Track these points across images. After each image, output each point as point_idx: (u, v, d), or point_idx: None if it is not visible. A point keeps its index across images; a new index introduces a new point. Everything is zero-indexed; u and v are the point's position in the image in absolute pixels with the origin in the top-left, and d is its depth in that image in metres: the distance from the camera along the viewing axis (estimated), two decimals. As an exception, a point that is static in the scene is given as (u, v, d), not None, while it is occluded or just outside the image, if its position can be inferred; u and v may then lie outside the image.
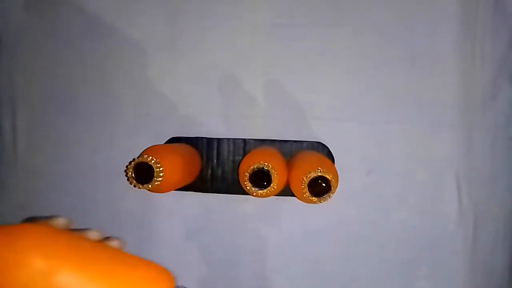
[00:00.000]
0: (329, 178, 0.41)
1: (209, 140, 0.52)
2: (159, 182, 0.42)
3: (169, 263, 0.54)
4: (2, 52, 0.54)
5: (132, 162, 0.42)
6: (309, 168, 0.41)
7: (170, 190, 0.47)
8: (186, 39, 0.52)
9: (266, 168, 0.42)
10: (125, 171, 0.43)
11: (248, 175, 0.42)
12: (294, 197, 0.46)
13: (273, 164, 0.42)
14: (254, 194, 0.43)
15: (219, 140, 0.52)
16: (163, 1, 0.53)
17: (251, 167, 0.42)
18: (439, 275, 0.51)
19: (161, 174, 0.42)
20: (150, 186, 0.42)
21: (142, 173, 0.42)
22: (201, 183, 0.51)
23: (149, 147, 0.46)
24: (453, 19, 0.50)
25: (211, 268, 0.53)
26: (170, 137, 0.52)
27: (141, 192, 0.52)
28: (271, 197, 0.50)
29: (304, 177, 0.41)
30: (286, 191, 0.46)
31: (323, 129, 0.51)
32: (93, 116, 0.53)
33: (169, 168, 0.43)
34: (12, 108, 0.54)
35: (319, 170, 0.41)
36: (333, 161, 0.50)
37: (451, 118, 0.51)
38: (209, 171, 0.52)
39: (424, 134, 0.51)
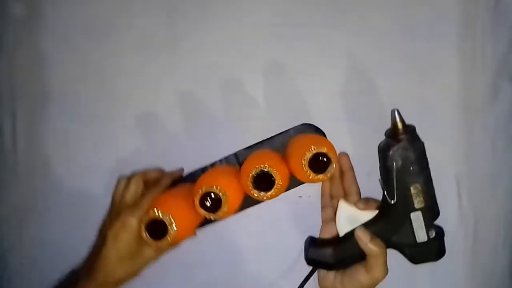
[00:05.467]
0: (325, 151, 0.41)
1: (204, 169, 0.51)
2: (174, 232, 0.42)
3: (169, 263, 0.54)
4: (2, 52, 0.54)
5: (142, 223, 0.42)
6: (304, 150, 0.42)
7: (186, 237, 0.47)
8: (186, 39, 0.52)
9: (264, 169, 0.42)
10: (139, 231, 0.43)
11: (251, 184, 0.42)
12: (294, 197, 0.46)
13: (269, 163, 0.42)
14: (265, 198, 0.43)
15: (212, 164, 0.51)
16: (163, 1, 0.53)
17: (250, 175, 0.42)
18: (439, 276, 0.51)
19: (174, 225, 0.42)
20: (168, 238, 0.42)
21: (154, 228, 0.42)
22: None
23: (157, 198, 0.45)
24: (453, 19, 0.50)
25: (211, 268, 0.53)
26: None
27: (141, 192, 0.52)
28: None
29: (302, 161, 0.41)
30: (294, 183, 0.47)
31: (323, 129, 0.51)
32: (93, 116, 0.53)
33: (180, 217, 0.43)
34: (12, 108, 0.54)
35: (313, 148, 0.41)
36: (324, 135, 0.50)
37: (451, 118, 0.51)
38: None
39: (424, 134, 0.51)
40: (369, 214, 0.43)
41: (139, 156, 0.53)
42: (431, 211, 0.42)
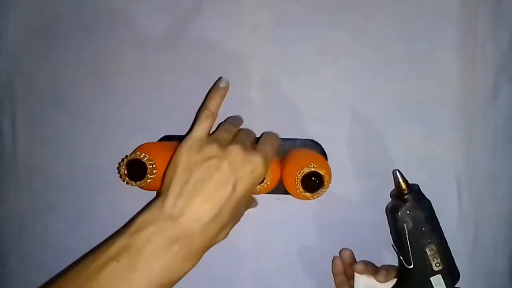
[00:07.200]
0: (322, 174, 0.41)
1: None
2: (151, 179, 0.42)
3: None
4: (2, 52, 0.54)
5: (125, 159, 0.43)
6: (302, 164, 0.42)
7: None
8: (186, 39, 0.52)
9: None
10: (118, 168, 0.43)
11: None
12: (295, 198, 0.46)
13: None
14: None
15: None
16: (163, 1, 0.53)
17: None
18: (439, 275, 0.51)
19: (154, 171, 0.42)
20: (143, 183, 0.42)
21: (135, 170, 0.43)
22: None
23: (142, 144, 0.46)
24: (453, 19, 0.50)
25: (210, 268, 0.53)
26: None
27: (141, 193, 0.52)
28: (271, 197, 0.50)
29: (297, 173, 0.41)
30: (280, 189, 0.47)
31: (323, 130, 0.51)
32: (93, 116, 0.53)
33: (162, 165, 0.43)
34: (12, 108, 0.54)
35: (312, 166, 0.41)
36: (326, 158, 0.50)
37: (451, 118, 0.50)
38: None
39: (424, 134, 0.51)
40: (389, 283, 0.42)
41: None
42: (452, 273, 0.41)
